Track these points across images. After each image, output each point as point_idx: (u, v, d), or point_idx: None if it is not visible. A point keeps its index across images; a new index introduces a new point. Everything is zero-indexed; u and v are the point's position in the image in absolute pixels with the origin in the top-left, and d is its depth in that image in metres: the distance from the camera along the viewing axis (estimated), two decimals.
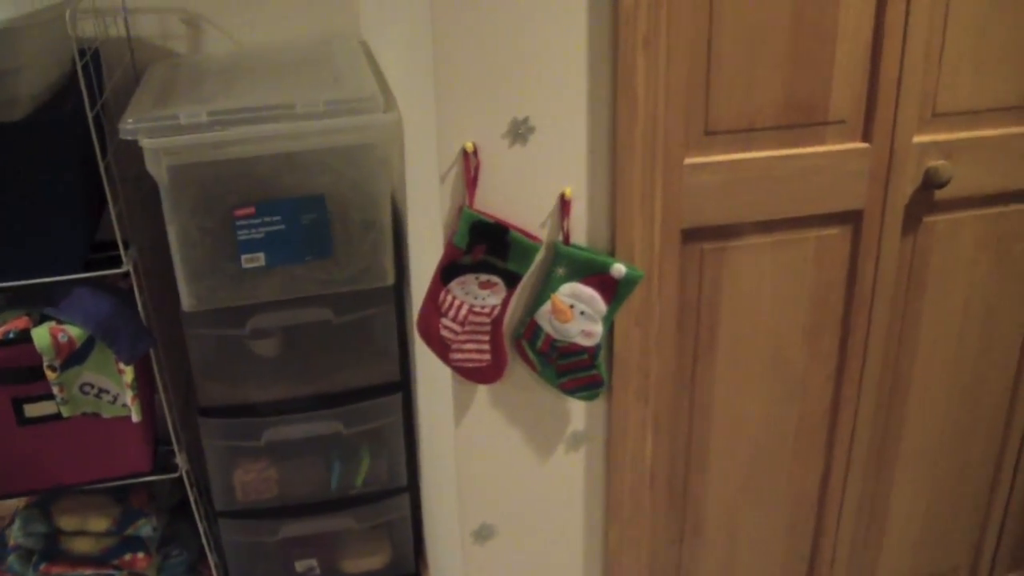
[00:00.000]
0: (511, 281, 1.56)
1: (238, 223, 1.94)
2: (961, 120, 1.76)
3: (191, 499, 2.30)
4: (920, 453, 2.08)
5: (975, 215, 1.85)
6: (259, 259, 1.99)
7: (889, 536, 2.17)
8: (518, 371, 1.67)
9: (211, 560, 2.40)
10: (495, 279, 1.56)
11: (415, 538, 2.49)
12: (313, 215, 1.98)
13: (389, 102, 1.93)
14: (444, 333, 1.58)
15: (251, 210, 1.94)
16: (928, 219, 1.82)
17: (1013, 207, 1.88)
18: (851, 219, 1.77)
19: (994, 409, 2.09)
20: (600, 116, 1.53)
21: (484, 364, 1.61)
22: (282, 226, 1.97)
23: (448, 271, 1.55)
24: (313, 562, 2.42)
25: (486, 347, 1.60)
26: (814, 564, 2.12)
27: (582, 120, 1.53)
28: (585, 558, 1.90)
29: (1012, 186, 1.84)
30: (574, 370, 1.65)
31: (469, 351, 1.60)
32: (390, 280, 2.11)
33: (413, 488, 2.42)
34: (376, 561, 2.48)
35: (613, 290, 1.59)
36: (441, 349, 1.60)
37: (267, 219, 1.96)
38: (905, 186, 1.76)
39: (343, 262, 2.04)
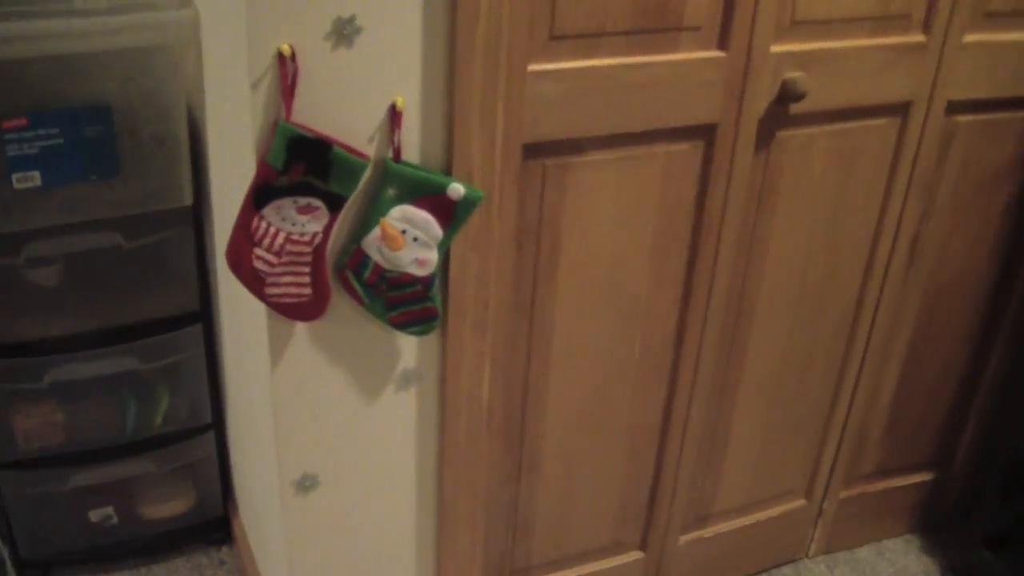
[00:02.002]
0: (334, 204, 1.36)
1: (7, 136, 1.66)
2: (818, 30, 1.64)
3: None
4: (761, 378, 2.01)
5: (825, 131, 1.75)
6: (34, 178, 1.71)
7: (729, 462, 2.10)
8: (342, 305, 1.48)
9: None
10: (316, 203, 1.35)
11: (222, 479, 2.28)
12: (97, 127, 1.71)
13: None
14: (258, 265, 1.37)
15: (23, 121, 1.67)
16: (781, 134, 1.71)
17: (860, 122, 1.78)
18: (702, 134, 1.64)
19: (834, 331, 2.03)
20: (436, 15, 1.33)
21: (304, 299, 1.41)
22: (60, 140, 1.70)
23: (261, 194, 1.34)
24: (109, 510, 2.19)
25: (306, 280, 1.40)
26: (655, 494, 2.03)
27: (416, 19, 1.32)
28: (418, 505, 1.74)
29: (863, 101, 1.73)
30: (406, 303, 1.47)
31: (287, 284, 1.39)
32: (187, 200, 1.86)
33: (218, 426, 2.21)
34: (179, 505, 2.26)
35: (450, 213, 1.41)
36: (255, 283, 1.39)
37: (42, 132, 1.68)
38: (760, 99, 1.64)
39: (133, 180, 1.79)
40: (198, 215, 1.93)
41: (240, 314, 1.72)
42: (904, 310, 2.07)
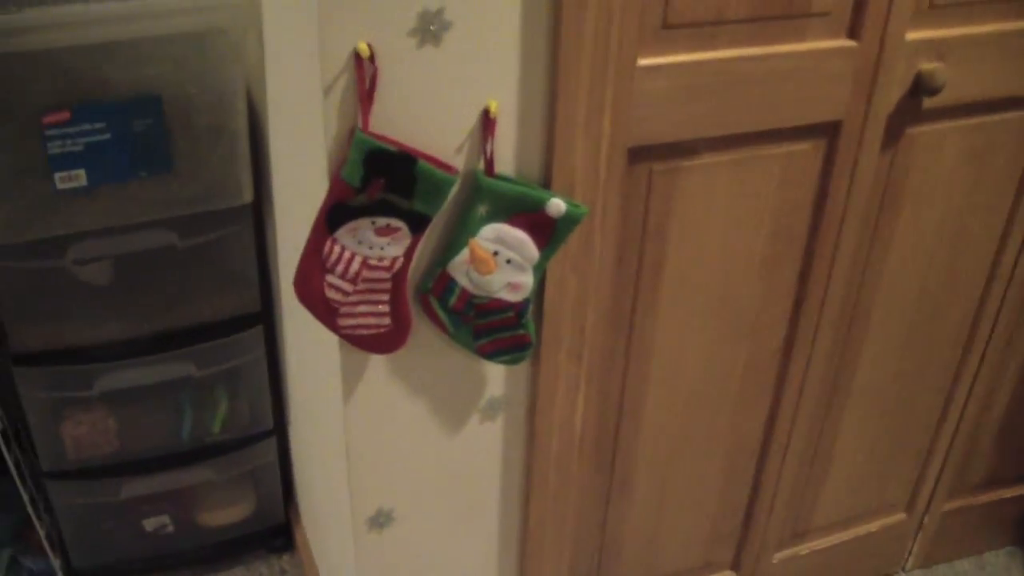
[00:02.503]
0: (417, 225, 1.19)
1: (48, 132, 1.50)
2: (958, 13, 1.43)
3: (8, 460, 1.88)
4: (871, 389, 1.83)
5: (958, 125, 1.55)
6: (78, 177, 1.56)
7: (830, 478, 1.93)
8: (422, 331, 1.31)
9: (39, 526, 2.00)
10: (397, 223, 1.18)
11: (284, 484, 2.14)
12: (147, 120, 1.55)
13: None
14: (331, 295, 1.20)
15: (65, 115, 1.51)
16: (911, 131, 1.51)
17: (996, 116, 1.57)
18: (825, 132, 1.45)
19: (951, 339, 1.85)
20: (538, 4, 1.14)
21: (383, 330, 1.24)
22: (107, 135, 1.54)
23: (335, 215, 1.17)
24: (165, 519, 2.06)
25: (385, 309, 1.23)
26: (751, 513, 1.87)
27: (515, 9, 1.14)
28: (500, 539, 1.59)
29: (1000, 92, 1.53)
30: (496, 330, 1.30)
31: (363, 315, 1.23)
32: (247, 197, 1.70)
33: (280, 430, 2.06)
34: (238, 512, 2.13)
35: (549, 232, 1.23)
36: (326, 315, 1.22)
37: (87, 126, 1.52)
38: (892, 92, 1.44)
39: (187, 177, 1.63)
40: (258, 211, 1.77)
41: (310, 325, 1.55)
42: None
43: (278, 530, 2.18)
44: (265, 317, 1.91)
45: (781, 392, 1.72)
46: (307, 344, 1.55)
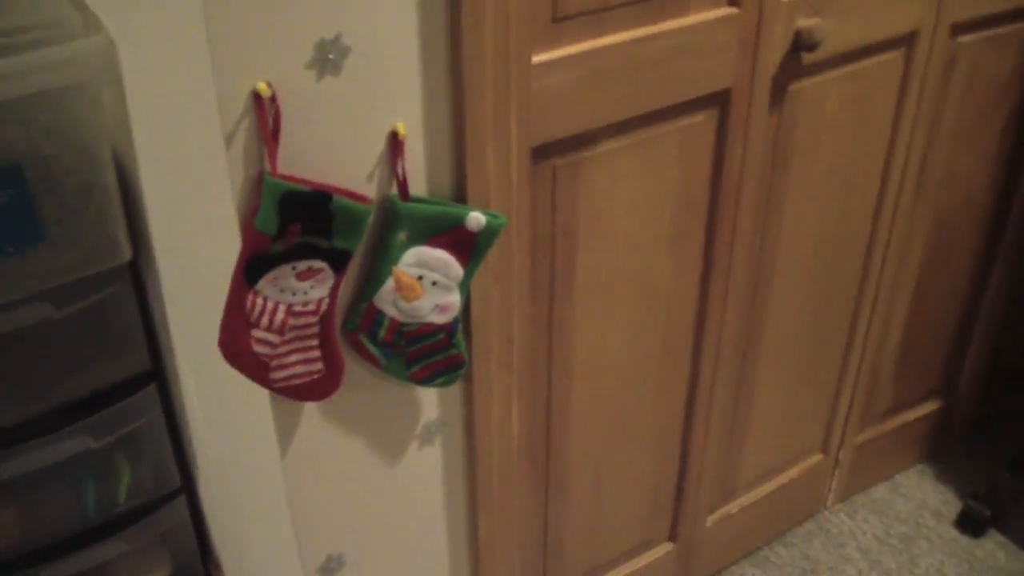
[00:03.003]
0: (339, 263, 1.13)
1: None
2: None
3: None
4: (781, 341, 1.86)
5: (837, 75, 1.58)
6: None
7: (751, 434, 1.96)
8: (353, 369, 1.26)
9: None
10: (319, 264, 1.12)
11: (199, 540, 2.04)
12: (8, 191, 1.44)
13: (89, 22, 1.39)
14: (259, 349, 1.14)
15: None
16: (794, 88, 1.52)
17: (869, 61, 1.61)
18: (716, 101, 1.45)
19: (848, 278, 1.89)
20: (435, 16, 1.10)
21: (316, 376, 1.19)
22: None
23: (253, 267, 1.10)
24: None
25: (316, 355, 1.17)
26: (682, 484, 1.88)
27: (412, 25, 1.09)
28: (450, 558, 1.54)
29: (872, 38, 1.56)
30: (428, 355, 1.26)
31: (294, 364, 1.17)
32: (126, 255, 1.60)
33: (188, 487, 1.97)
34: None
35: (470, 247, 1.20)
36: (257, 371, 1.15)
37: None
38: (774, 53, 1.45)
39: (61, 244, 1.52)
40: (136, 267, 1.67)
41: (220, 379, 1.48)
42: (912, 243, 1.93)
43: None
44: (157, 375, 1.81)
45: (698, 361, 1.72)
46: (222, 397, 1.47)
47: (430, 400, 1.36)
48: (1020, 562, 2.19)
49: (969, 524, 2.25)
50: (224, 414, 1.53)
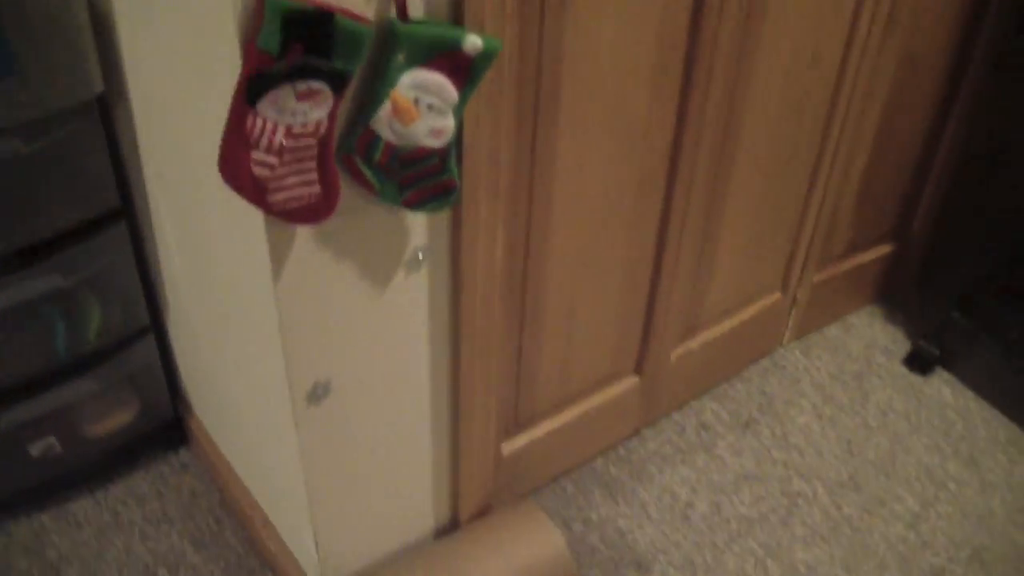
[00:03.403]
0: (339, 84, 1.13)
1: None
2: None
3: None
4: (748, 180, 1.89)
5: None
6: None
7: (716, 270, 2.00)
8: (345, 194, 1.26)
9: None
10: (318, 85, 1.11)
11: (168, 380, 2.06)
12: None
13: None
14: (258, 171, 1.13)
15: None
16: None
17: None
18: None
19: (815, 118, 1.92)
20: None
21: (313, 199, 1.19)
22: None
23: (254, 86, 1.09)
24: (51, 440, 1.95)
25: (314, 176, 1.17)
26: (650, 317, 1.93)
27: None
28: (432, 385, 1.58)
29: None
30: (421, 179, 1.26)
31: (292, 187, 1.17)
32: (97, 87, 1.57)
33: (157, 326, 1.97)
34: (126, 416, 2.04)
35: (466, 71, 1.19)
36: (255, 193, 1.15)
37: None
38: None
39: (31, 78, 1.48)
40: (103, 102, 1.63)
41: (205, 212, 1.47)
42: (876, 86, 1.96)
43: (170, 426, 2.11)
44: (127, 212, 1.79)
45: (671, 197, 1.75)
46: (208, 228, 1.47)
47: (418, 226, 1.37)
48: (965, 399, 2.29)
49: (918, 363, 2.34)
50: (215, 246, 1.52)
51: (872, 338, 2.40)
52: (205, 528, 1.98)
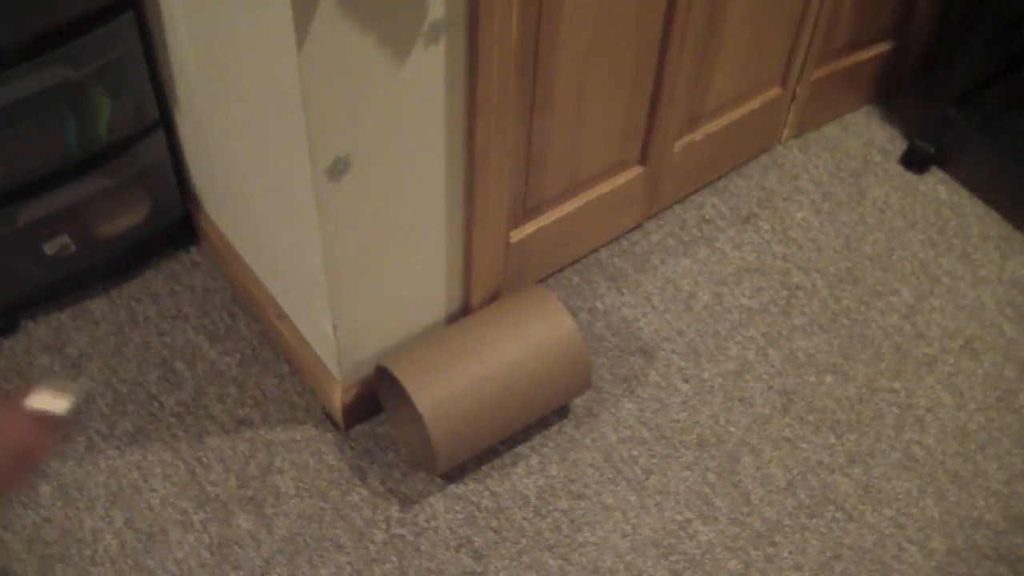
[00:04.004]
0: None
1: None
2: None
3: None
4: None
5: None
6: None
7: (720, 59, 2.01)
8: None
9: None
10: None
11: (178, 177, 2.07)
12: None
13: None
14: None
15: None
16: None
17: None
18: None
19: None
20: None
21: None
22: None
23: None
24: (65, 239, 1.98)
25: None
26: (655, 104, 1.96)
27: None
28: (448, 162, 1.61)
29: None
30: None
31: None
32: None
33: (166, 121, 1.98)
34: (137, 215, 2.07)
35: None
36: None
37: None
38: None
39: None
40: None
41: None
42: None
43: (180, 224, 2.13)
44: (134, 3, 1.78)
45: None
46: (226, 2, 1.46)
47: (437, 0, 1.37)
48: (959, 196, 2.33)
49: (914, 160, 2.37)
50: (220, 25, 1.52)
51: (869, 137, 2.43)
52: (220, 322, 2.03)
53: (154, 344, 2.00)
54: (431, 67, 1.44)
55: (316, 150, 1.41)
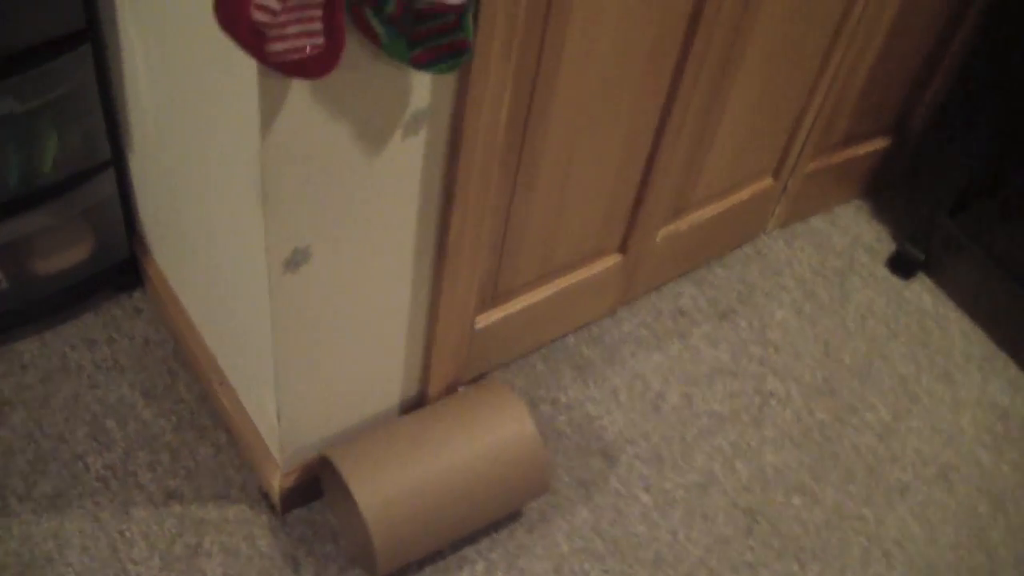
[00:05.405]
0: None
1: None
2: None
3: None
4: (759, 63, 1.78)
5: None
6: None
7: (715, 149, 1.90)
8: (348, 47, 1.13)
9: None
10: None
11: (126, 217, 1.93)
12: None
13: None
14: (258, 17, 1.00)
15: None
16: None
17: None
18: None
19: (832, 7, 1.78)
20: None
21: (315, 52, 1.06)
22: None
23: None
24: None
25: (318, 27, 1.04)
26: (642, 191, 1.84)
27: None
28: (415, 256, 1.48)
29: None
30: (433, 36, 1.14)
31: (294, 37, 1.04)
32: None
33: (118, 159, 1.83)
34: (78, 253, 1.93)
35: None
36: (252, 41, 1.02)
37: None
38: None
39: None
40: None
41: (186, 47, 1.33)
42: None
43: (125, 267, 1.99)
44: (93, 33, 1.64)
45: (683, 66, 1.64)
46: (188, 66, 1.33)
47: (422, 87, 1.25)
48: (944, 308, 2.24)
49: (901, 265, 2.28)
50: (181, 85, 1.39)
51: (857, 234, 2.33)
52: (158, 379, 1.89)
53: (85, 397, 1.86)
54: (408, 157, 1.32)
55: (273, 241, 1.28)
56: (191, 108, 1.39)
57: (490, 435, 1.67)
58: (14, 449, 1.78)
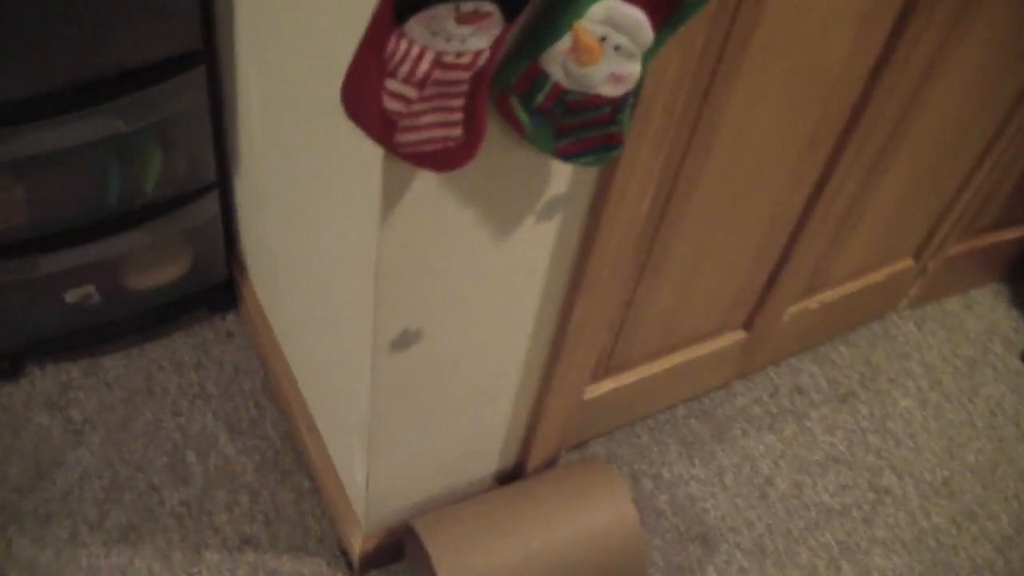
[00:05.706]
0: (512, 8, 0.86)
1: None
2: None
3: None
4: (920, 146, 1.62)
5: None
6: None
7: (857, 234, 1.75)
8: (489, 131, 1.00)
9: None
10: (487, 6, 0.85)
11: (226, 238, 1.84)
12: None
13: None
14: (391, 105, 0.88)
15: None
16: None
17: None
18: None
19: (1008, 90, 1.62)
20: None
21: (450, 144, 0.94)
22: None
23: (405, 1, 0.82)
24: (90, 288, 1.75)
25: (457, 117, 0.92)
26: (775, 277, 1.70)
27: None
28: (534, 333, 1.36)
29: None
30: (584, 128, 1.01)
31: (428, 127, 0.92)
32: None
33: (223, 183, 1.74)
34: (174, 271, 1.84)
35: (671, 8, 0.92)
36: (382, 130, 0.91)
37: None
38: None
39: None
40: None
41: (301, 96, 1.22)
42: None
43: (221, 287, 1.90)
44: (208, 54, 1.54)
45: (837, 159, 1.49)
46: (309, 116, 1.22)
47: (562, 174, 1.13)
48: None
49: None
50: (297, 145, 1.28)
51: (994, 321, 2.16)
52: (244, 412, 1.80)
53: (167, 424, 1.78)
54: (538, 243, 1.20)
55: (382, 320, 1.17)
56: (306, 158, 1.28)
57: (589, 520, 1.55)
58: (91, 473, 1.71)
